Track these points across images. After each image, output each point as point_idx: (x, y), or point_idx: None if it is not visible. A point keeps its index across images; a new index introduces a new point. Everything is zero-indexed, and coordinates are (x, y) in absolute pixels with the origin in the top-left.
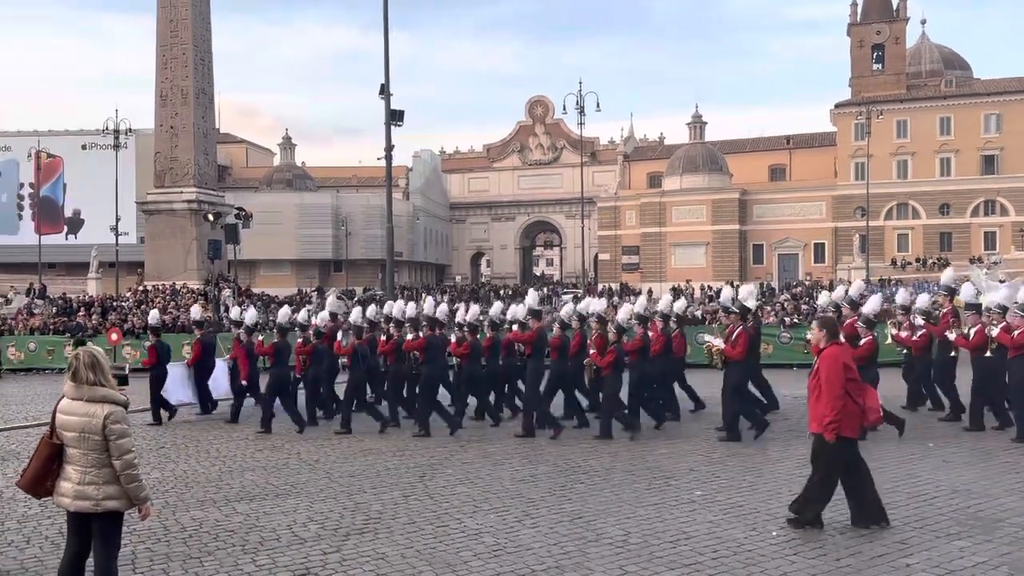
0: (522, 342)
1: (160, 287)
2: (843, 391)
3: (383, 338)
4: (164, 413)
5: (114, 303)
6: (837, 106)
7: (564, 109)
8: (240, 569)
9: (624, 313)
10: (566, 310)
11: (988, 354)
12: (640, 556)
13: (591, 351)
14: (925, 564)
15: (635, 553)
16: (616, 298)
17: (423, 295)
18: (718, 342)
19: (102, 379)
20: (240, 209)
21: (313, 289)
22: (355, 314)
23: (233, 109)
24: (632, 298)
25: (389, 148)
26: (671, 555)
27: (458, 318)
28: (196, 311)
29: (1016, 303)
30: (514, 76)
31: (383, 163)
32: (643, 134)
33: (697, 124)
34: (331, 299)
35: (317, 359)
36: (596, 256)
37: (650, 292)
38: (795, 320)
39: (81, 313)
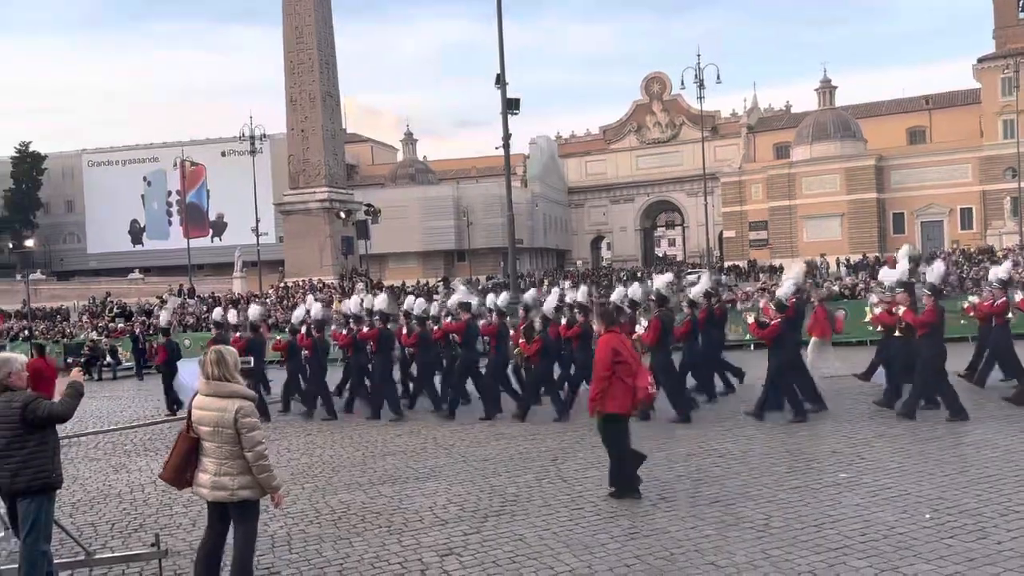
0: (453, 332)
1: (300, 283)
2: (609, 373)
3: (343, 332)
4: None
5: (258, 300)
6: (980, 60)
7: (682, 84)
8: (387, 549)
9: (549, 303)
10: (500, 298)
11: (897, 334)
12: (783, 540)
13: (520, 340)
14: None
15: (777, 537)
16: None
17: (546, 283)
18: (639, 329)
19: (227, 374)
20: (369, 206)
21: (439, 280)
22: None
23: (357, 110)
24: (565, 287)
25: (507, 137)
26: (816, 539)
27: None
28: (217, 313)
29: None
30: (628, 55)
31: (501, 152)
32: (767, 104)
33: (826, 89)
34: (460, 288)
35: (293, 353)
36: (721, 234)
37: (780, 268)
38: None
39: (492, 295)
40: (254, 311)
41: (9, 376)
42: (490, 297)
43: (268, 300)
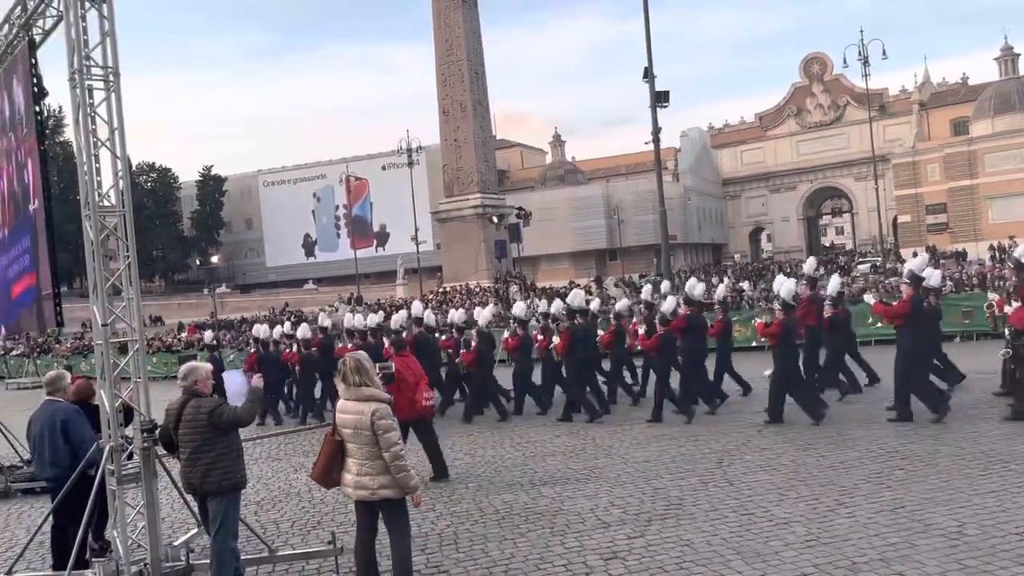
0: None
1: (457, 287)
2: (394, 387)
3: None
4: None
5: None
6: None
7: (844, 62)
8: (551, 551)
9: (483, 318)
10: (456, 315)
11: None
12: (980, 550)
13: (461, 351)
14: None
15: (973, 546)
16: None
17: (702, 278)
18: (556, 339)
19: (367, 380)
20: (520, 209)
21: (592, 279)
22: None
23: (505, 116)
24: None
25: (656, 131)
26: (1019, 548)
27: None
28: (259, 329)
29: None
30: (783, 36)
31: (651, 148)
32: (941, 78)
33: (1008, 57)
34: (611, 287)
35: (308, 366)
36: (895, 219)
37: (964, 254)
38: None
39: (453, 311)
40: (262, 330)
41: (196, 383)
42: (457, 313)
43: (429, 304)
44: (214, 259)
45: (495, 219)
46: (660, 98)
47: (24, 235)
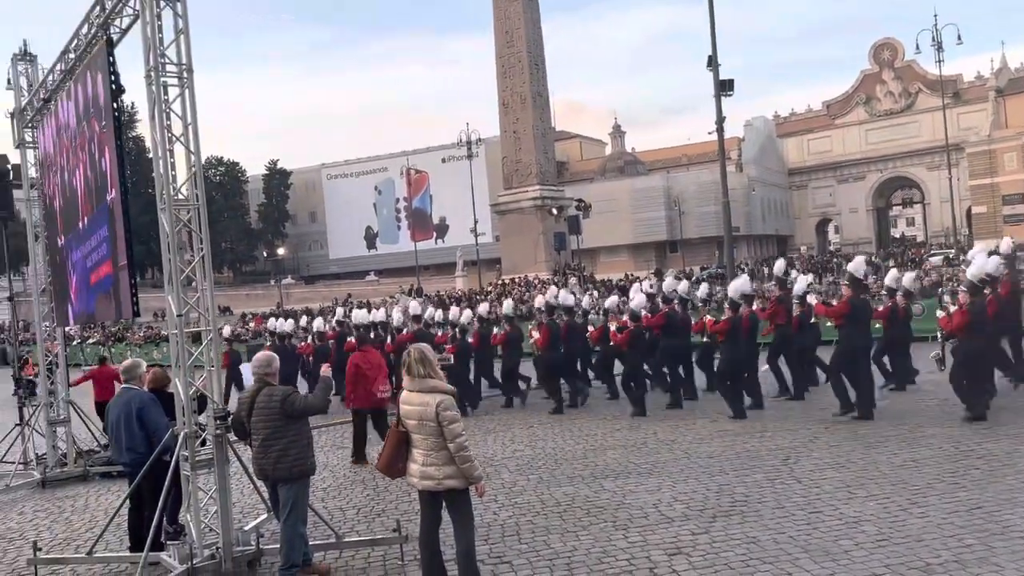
0: (404, 342)
1: (516, 279)
2: (353, 379)
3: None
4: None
5: (478, 296)
6: None
7: (917, 48)
8: (613, 544)
9: (466, 317)
10: (464, 314)
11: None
12: None
13: (447, 346)
14: None
15: None
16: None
17: (765, 272)
18: (536, 334)
19: (431, 372)
20: (579, 201)
21: (651, 272)
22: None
23: (564, 107)
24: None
25: (720, 120)
26: None
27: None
28: (274, 323)
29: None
30: (852, 22)
31: (714, 137)
32: (1019, 62)
33: None
34: (669, 280)
35: (320, 358)
36: (969, 210)
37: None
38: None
39: (453, 307)
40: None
41: (267, 374)
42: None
43: (489, 296)
44: (280, 251)
45: (554, 211)
46: (724, 87)
47: (102, 224)
